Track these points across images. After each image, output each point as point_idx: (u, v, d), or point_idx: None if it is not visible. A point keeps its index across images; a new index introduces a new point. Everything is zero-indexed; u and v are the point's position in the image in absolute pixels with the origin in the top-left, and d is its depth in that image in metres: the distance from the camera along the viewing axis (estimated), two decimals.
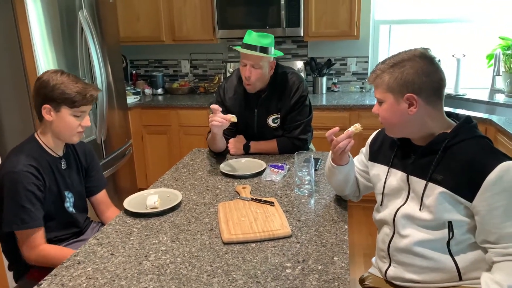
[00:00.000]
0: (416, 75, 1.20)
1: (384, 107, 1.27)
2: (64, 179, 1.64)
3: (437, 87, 1.23)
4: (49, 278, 1.17)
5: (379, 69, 1.26)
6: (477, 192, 1.15)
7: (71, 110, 1.52)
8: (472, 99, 3.32)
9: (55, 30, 2.42)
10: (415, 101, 1.21)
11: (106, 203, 1.84)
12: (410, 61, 1.21)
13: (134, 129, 3.56)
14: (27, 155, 1.52)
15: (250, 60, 1.99)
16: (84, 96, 1.52)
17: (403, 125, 1.27)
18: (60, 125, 1.54)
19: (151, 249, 1.31)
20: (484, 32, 3.50)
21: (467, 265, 1.24)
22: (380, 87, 1.25)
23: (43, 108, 1.52)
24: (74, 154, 1.72)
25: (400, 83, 1.21)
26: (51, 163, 1.59)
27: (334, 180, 1.54)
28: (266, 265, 1.20)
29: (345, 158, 1.46)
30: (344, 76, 3.83)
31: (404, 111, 1.23)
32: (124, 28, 3.66)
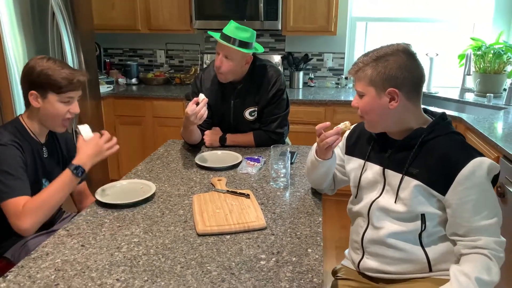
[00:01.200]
0: (399, 70, 1.21)
1: (365, 100, 1.28)
2: (44, 166, 1.60)
3: (417, 83, 1.25)
4: (16, 270, 1.13)
5: (361, 62, 1.26)
6: (450, 186, 1.18)
7: (58, 96, 1.48)
8: (443, 97, 3.42)
9: (24, 14, 2.33)
10: (397, 96, 1.23)
11: (86, 193, 1.81)
12: (393, 55, 1.23)
13: (107, 119, 3.48)
14: (10, 133, 1.47)
15: (223, 50, 1.96)
16: (70, 82, 1.48)
17: (383, 119, 1.28)
18: (48, 112, 1.50)
19: (123, 240, 1.28)
20: (457, 32, 3.60)
21: (437, 256, 1.27)
22: (363, 80, 1.26)
23: (30, 95, 1.48)
24: (56, 143, 1.68)
25: (383, 77, 1.22)
26: (33, 147, 1.54)
27: (314, 174, 1.54)
28: (240, 257, 1.19)
29: (330, 152, 1.46)
30: (321, 71, 3.85)
31: (384, 105, 1.25)
32: (98, 15, 3.56)
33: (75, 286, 1.07)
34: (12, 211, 1.37)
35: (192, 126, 1.92)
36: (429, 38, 3.65)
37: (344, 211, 1.53)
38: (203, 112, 1.80)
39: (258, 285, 1.07)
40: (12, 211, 1.37)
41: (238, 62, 1.99)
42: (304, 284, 1.08)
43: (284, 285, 1.07)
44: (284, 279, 1.10)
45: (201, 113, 1.79)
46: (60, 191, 1.43)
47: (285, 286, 1.07)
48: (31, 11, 2.38)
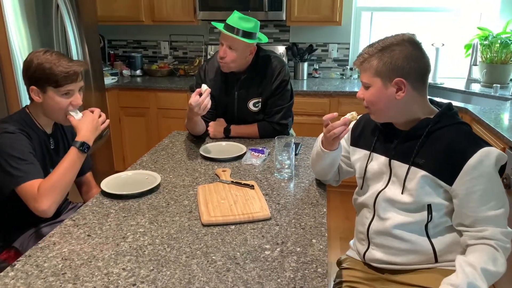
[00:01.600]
0: (405, 59, 1.20)
1: (371, 91, 1.27)
2: (51, 157, 1.61)
3: (424, 73, 1.24)
4: (23, 259, 1.15)
5: (366, 52, 1.25)
6: (457, 176, 1.17)
7: (56, 90, 1.47)
8: (449, 88, 3.39)
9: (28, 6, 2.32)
10: (404, 86, 1.22)
11: (92, 184, 1.82)
12: (399, 45, 1.21)
13: (112, 111, 3.49)
14: (17, 124, 1.48)
15: (227, 41, 1.95)
16: (67, 74, 1.46)
17: (389, 109, 1.27)
18: (49, 106, 1.50)
19: (129, 230, 1.29)
20: (463, 22, 3.55)
21: (443, 247, 1.27)
22: (368, 71, 1.25)
23: (31, 90, 1.48)
24: (62, 134, 1.69)
25: (390, 67, 1.21)
26: (40, 138, 1.56)
27: (320, 165, 1.54)
28: (245, 247, 1.20)
29: (336, 143, 1.45)
30: (326, 62, 3.83)
31: (391, 96, 1.24)
32: (102, 6, 3.55)
33: (82, 275, 1.08)
34: (29, 195, 1.39)
35: (196, 117, 1.92)
36: (435, 28, 3.61)
37: (349, 202, 1.53)
38: (207, 103, 1.80)
39: (263, 275, 1.08)
40: (29, 195, 1.39)
41: (241, 53, 1.99)
42: (309, 274, 1.08)
43: (289, 275, 1.08)
44: (288, 269, 1.11)
45: (204, 103, 1.79)
46: (70, 169, 1.46)
47: (289, 276, 1.08)
48: (35, 3, 2.38)
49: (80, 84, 1.54)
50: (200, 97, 1.79)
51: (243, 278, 1.07)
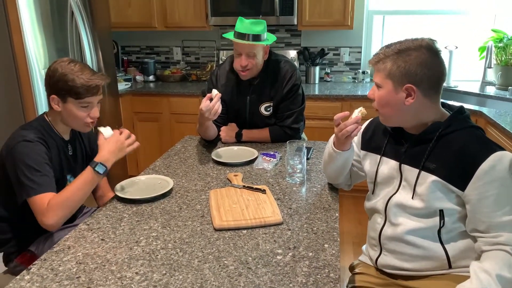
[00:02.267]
0: (419, 66, 1.19)
1: (381, 92, 1.26)
2: (70, 163, 1.64)
3: (437, 81, 1.22)
4: (39, 263, 1.17)
5: (382, 53, 1.24)
6: (469, 181, 1.16)
7: (76, 101, 1.50)
8: (463, 91, 3.35)
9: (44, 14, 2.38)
10: (414, 93, 1.20)
11: (106, 188, 1.84)
12: (416, 51, 1.20)
13: (125, 116, 3.53)
14: (35, 129, 1.51)
15: (245, 49, 1.96)
16: (88, 87, 1.48)
17: (397, 113, 1.26)
18: (68, 116, 1.53)
19: (142, 234, 1.31)
20: (477, 24, 3.51)
21: (457, 253, 1.25)
22: (382, 72, 1.24)
23: (51, 99, 1.51)
24: (79, 140, 1.71)
25: (402, 72, 1.20)
26: (59, 145, 1.58)
27: (331, 166, 1.52)
28: (257, 252, 1.20)
29: (348, 143, 1.44)
30: (337, 66, 3.82)
31: (400, 101, 1.23)
32: (115, 13, 3.60)
33: (96, 279, 1.09)
34: (38, 208, 1.40)
35: (207, 122, 1.94)
36: (448, 30, 3.58)
37: (361, 207, 1.52)
38: (217, 108, 1.81)
39: (275, 280, 1.08)
40: (38, 208, 1.40)
41: (260, 56, 2.02)
42: (321, 279, 1.08)
43: (301, 280, 1.08)
44: (300, 274, 1.10)
45: (215, 108, 1.80)
46: (82, 188, 1.46)
47: (301, 281, 1.07)
48: (50, 11, 2.43)
49: (99, 97, 1.56)
50: (211, 102, 1.80)
51: (255, 282, 1.07)
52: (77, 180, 1.47)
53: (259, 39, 1.94)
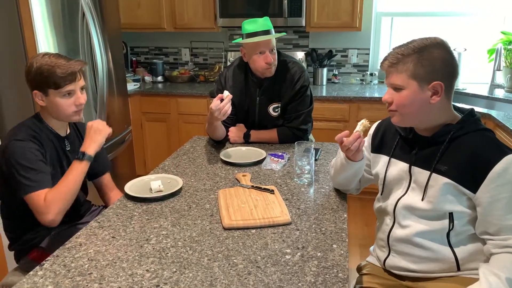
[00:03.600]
0: (443, 63, 1.19)
1: (404, 94, 1.22)
2: (68, 159, 1.64)
3: (455, 78, 1.23)
4: (52, 259, 1.19)
5: (399, 53, 1.21)
6: (481, 184, 1.16)
7: (57, 92, 1.49)
8: (471, 93, 3.33)
9: (56, 15, 2.41)
10: (441, 90, 1.19)
11: (110, 186, 1.84)
12: (436, 48, 1.19)
13: (134, 116, 3.56)
14: (28, 127, 1.52)
15: (269, 45, 2.01)
16: (65, 75, 1.47)
17: (419, 113, 1.24)
18: (54, 108, 1.53)
19: (152, 233, 1.32)
20: (486, 26, 3.50)
21: (466, 256, 1.25)
22: (404, 73, 1.21)
23: (34, 95, 1.51)
24: (78, 136, 1.71)
25: (428, 70, 1.18)
26: (54, 141, 1.59)
27: (343, 175, 1.50)
28: (266, 251, 1.21)
29: (359, 155, 1.42)
30: (345, 67, 3.83)
31: (425, 100, 1.21)
32: (124, 14, 3.64)
33: (107, 275, 1.11)
34: (36, 205, 1.43)
35: (216, 122, 1.95)
36: (457, 32, 3.56)
37: (368, 209, 1.53)
38: (227, 108, 1.83)
39: (283, 279, 1.09)
40: (36, 205, 1.43)
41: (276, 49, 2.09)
42: (330, 279, 1.09)
43: (310, 279, 1.09)
44: (309, 273, 1.11)
45: (225, 109, 1.82)
46: (74, 180, 1.51)
47: (310, 280, 1.08)
48: (62, 12, 2.46)
49: (80, 83, 1.54)
50: (221, 102, 1.82)
51: (264, 281, 1.08)
52: (67, 173, 1.51)
53: (273, 33, 2.03)
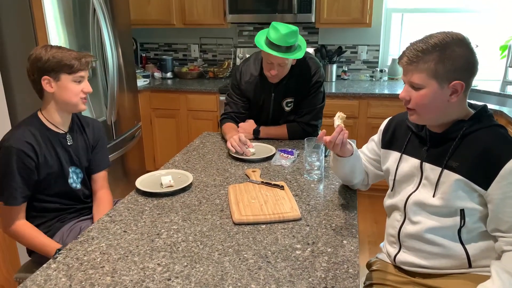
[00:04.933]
0: (466, 62, 1.16)
1: (423, 93, 1.20)
2: (70, 154, 1.64)
3: (474, 76, 1.20)
4: (64, 252, 1.20)
5: (419, 50, 1.17)
6: (493, 180, 1.14)
7: (70, 76, 1.53)
8: (483, 90, 3.30)
9: (67, 11, 2.43)
10: (461, 89, 1.17)
11: (100, 183, 1.78)
12: (458, 46, 1.15)
13: (143, 112, 3.58)
14: (24, 130, 1.53)
15: (277, 60, 1.93)
16: (80, 61, 1.54)
17: (437, 112, 1.22)
18: (63, 93, 1.55)
19: (163, 227, 1.33)
20: (498, 22, 3.45)
21: (477, 253, 1.25)
22: (424, 72, 1.17)
23: (43, 80, 1.52)
24: (80, 130, 1.72)
25: (451, 69, 1.15)
26: (52, 139, 1.59)
27: (341, 172, 1.52)
28: (276, 246, 1.22)
29: (348, 149, 1.42)
30: (355, 64, 3.80)
31: (445, 98, 1.19)
32: (134, 10, 3.65)
33: (119, 268, 1.12)
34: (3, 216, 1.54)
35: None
36: (468, 29, 3.52)
37: (377, 206, 1.53)
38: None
39: (294, 274, 1.09)
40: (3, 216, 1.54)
41: (290, 63, 2.01)
42: (340, 275, 1.09)
43: (320, 274, 1.09)
44: (319, 268, 1.11)
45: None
46: (34, 245, 1.57)
47: (320, 275, 1.08)
48: (73, 9, 2.48)
49: (88, 73, 1.60)
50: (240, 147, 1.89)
51: (275, 276, 1.08)
52: (41, 239, 1.56)
53: (292, 50, 1.90)
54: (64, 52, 1.53)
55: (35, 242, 1.55)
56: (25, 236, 1.54)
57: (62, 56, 1.52)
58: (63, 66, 1.51)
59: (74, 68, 1.53)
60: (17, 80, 2.35)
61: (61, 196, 1.64)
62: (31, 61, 1.53)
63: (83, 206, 1.73)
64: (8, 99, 2.34)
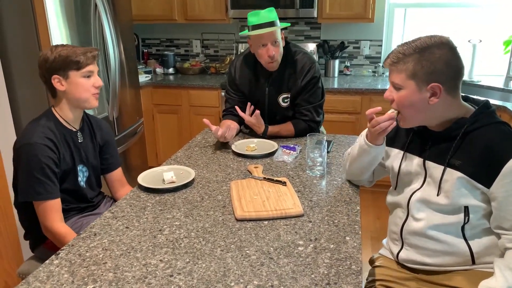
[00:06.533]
0: (445, 64, 1.16)
1: (402, 94, 1.22)
2: (80, 152, 1.66)
3: (459, 78, 1.20)
4: (67, 248, 1.20)
5: (401, 52, 1.20)
6: (495, 178, 1.14)
7: (79, 72, 1.54)
8: (486, 85, 3.28)
9: (68, 6, 2.42)
10: (439, 91, 1.17)
11: (121, 181, 1.85)
12: (439, 49, 1.16)
13: (145, 108, 3.58)
14: (43, 127, 1.54)
15: (271, 38, 1.97)
16: (86, 56, 1.54)
17: (421, 114, 1.23)
18: (74, 90, 1.55)
19: (165, 223, 1.33)
20: (501, 17, 3.42)
21: (481, 249, 1.24)
22: (403, 73, 1.20)
23: (53, 79, 1.53)
24: (90, 129, 1.73)
25: (428, 71, 1.17)
26: (67, 136, 1.60)
27: (360, 162, 1.48)
28: (278, 242, 1.21)
29: (381, 138, 1.40)
30: (357, 59, 3.79)
31: (424, 100, 1.20)
32: (136, 6, 3.64)
33: (121, 265, 1.12)
34: (39, 212, 1.52)
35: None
36: (472, 24, 3.50)
37: (380, 202, 1.52)
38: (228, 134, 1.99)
39: (296, 270, 1.09)
40: (39, 212, 1.52)
41: (281, 43, 2.04)
42: (343, 271, 1.09)
43: (323, 271, 1.09)
44: (322, 265, 1.11)
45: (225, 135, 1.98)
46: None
47: (323, 272, 1.08)
48: (74, 4, 2.47)
49: (96, 68, 1.60)
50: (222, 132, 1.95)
51: (277, 272, 1.08)
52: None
53: (277, 24, 1.97)
54: (69, 49, 1.53)
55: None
56: (66, 236, 1.49)
57: (68, 53, 1.52)
58: (70, 63, 1.52)
59: (81, 64, 1.53)
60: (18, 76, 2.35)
61: (69, 194, 1.64)
62: (39, 64, 1.54)
63: (87, 205, 1.73)
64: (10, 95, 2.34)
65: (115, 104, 2.87)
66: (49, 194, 1.50)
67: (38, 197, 1.49)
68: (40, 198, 1.50)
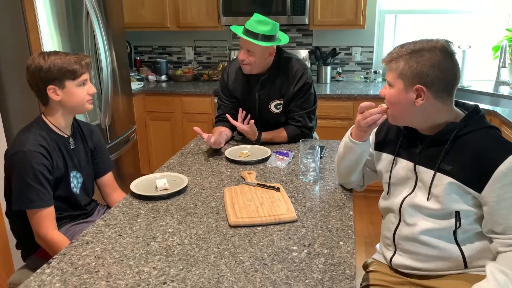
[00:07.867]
0: (431, 68, 1.18)
1: (391, 91, 1.26)
2: (72, 159, 1.65)
3: (450, 84, 1.21)
4: (59, 257, 1.19)
5: (396, 52, 1.24)
6: (486, 183, 1.14)
7: (74, 81, 1.54)
8: (476, 90, 3.32)
9: (60, 14, 2.41)
10: (423, 94, 1.19)
11: (112, 186, 1.84)
12: (429, 52, 1.18)
13: (138, 115, 3.57)
14: (35, 134, 1.52)
15: (245, 45, 1.99)
16: (81, 64, 1.54)
17: (407, 114, 1.26)
18: (70, 99, 1.55)
19: (159, 230, 1.32)
20: (490, 23, 3.48)
21: (473, 254, 1.25)
22: (394, 71, 1.24)
23: (48, 90, 1.52)
24: (80, 134, 1.72)
25: (414, 72, 1.19)
26: (59, 142, 1.60)
27: (346, 160, 1.50)
28: (272, 248, 1.21)
29: (367, 134, 1.42)
30: (349, 65, 3.82)
31: (410, 101, 1.22)
32: (128, 13, 3.65)
33: (114, 273, 1.11)
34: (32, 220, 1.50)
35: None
36: (461, 30, 3.55)
37: (373, 207, 1.53)
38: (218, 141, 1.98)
39: (290, 276, 1.09)
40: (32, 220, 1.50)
41: (260, 55, 2.02)
42: (337, 276, 1.09)
43: (317, 276, 1.09)
44: (316, 270, 1.11)
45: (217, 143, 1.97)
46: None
47: (317, 277, 1.08)
48: (66, 11, 2.46)
49: (89, 75, 1.60)
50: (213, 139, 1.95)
51: (271, 278, 1.08)
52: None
53: (256, 38, 1.94)
54: (62, 58, 1.52)
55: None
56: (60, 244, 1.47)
57: (62, 62, 1.51)
58: (65, 73, 1.51)
59: (77, 73, 1.53)
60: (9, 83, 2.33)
61: (61, 201, 1.62)
62: (31, 72, 1.52)
63: (80, 213, 1.72)
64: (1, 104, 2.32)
65: (107, 111, 2.86)
66: (42, 201, 1.49)
67: (31, 205, 1.48)
68: (34, 206, 1.48)
